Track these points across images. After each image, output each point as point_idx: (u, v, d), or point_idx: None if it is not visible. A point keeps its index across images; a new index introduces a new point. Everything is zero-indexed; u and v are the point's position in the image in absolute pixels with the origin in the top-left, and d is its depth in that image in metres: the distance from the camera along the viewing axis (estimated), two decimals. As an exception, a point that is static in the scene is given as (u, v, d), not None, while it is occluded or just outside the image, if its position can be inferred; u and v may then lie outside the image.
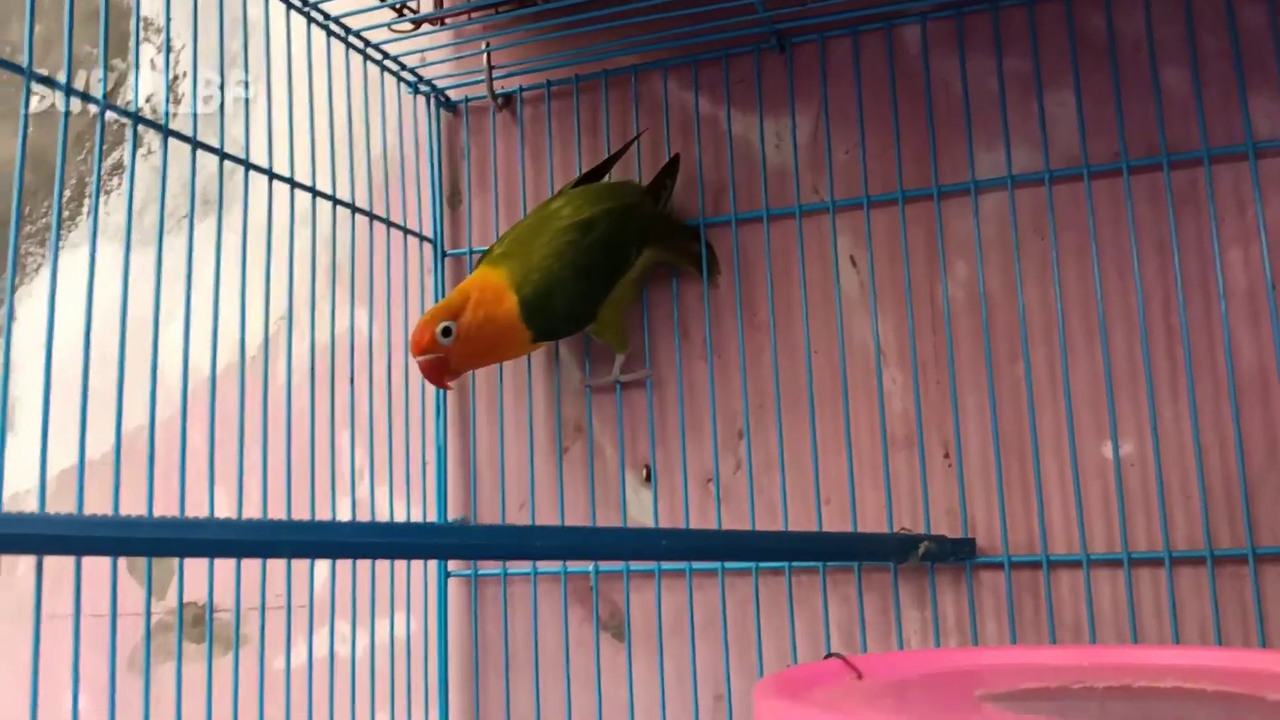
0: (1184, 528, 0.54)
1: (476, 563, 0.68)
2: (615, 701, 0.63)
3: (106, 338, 0.50)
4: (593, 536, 0.50)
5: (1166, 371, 0.55)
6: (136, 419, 0.55)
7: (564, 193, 0.64)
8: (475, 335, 0.58)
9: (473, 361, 0.62)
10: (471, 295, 0.59)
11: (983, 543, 0.57)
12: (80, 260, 0.76)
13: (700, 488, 0.63)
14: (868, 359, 0.61)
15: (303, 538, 0.41)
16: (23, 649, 0.42)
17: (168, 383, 0.53)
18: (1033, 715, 0.31)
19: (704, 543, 0.50)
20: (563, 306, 0.60)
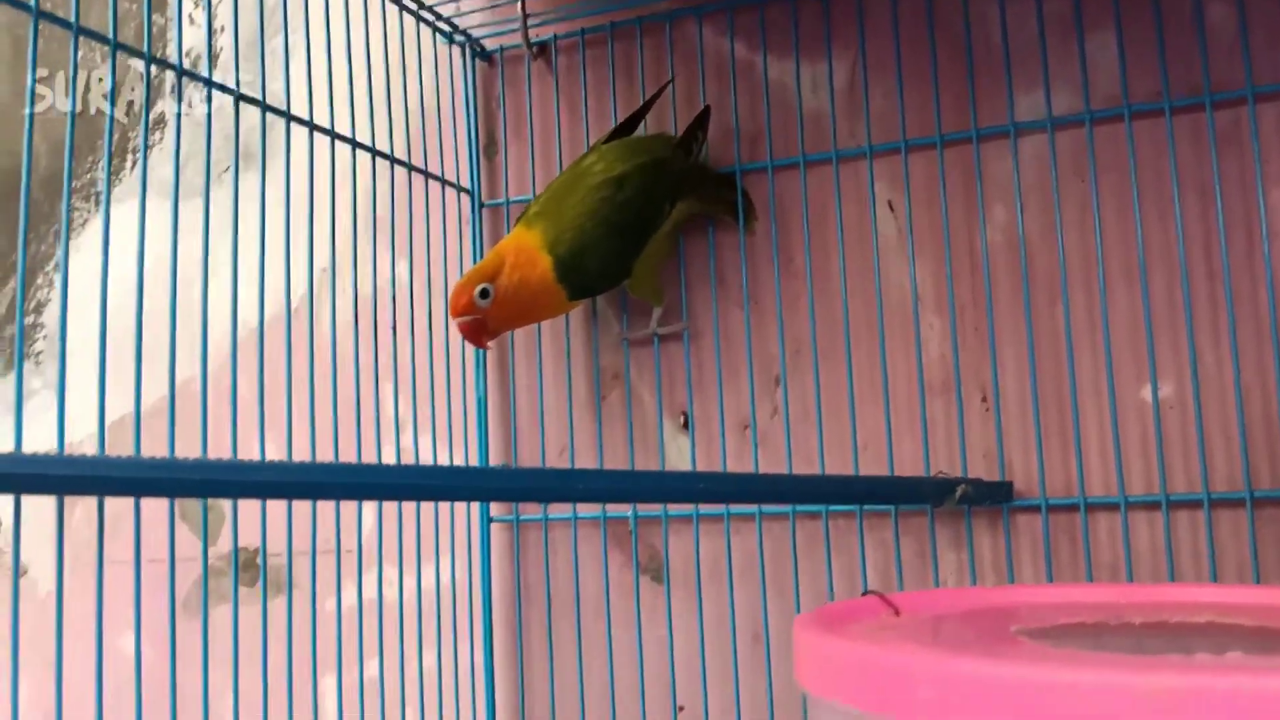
0: (1224, 469, 0.54)
1: (518, 508, 0.69)
2: (655, 642, 0.64)
3: (156, 290, 0.51)
4: (632, 479, 0.51)
5: (1207, 314, 0.55)
6: (186, 370, 0.57)
7: (596, 148, 0.64)
8: (512, 297, 0.59)
9: (510, 322, 0.63)
10: (507, 258, 0.60)
11: (1020, 486, 0.57)
12: (125, 214, 0.77)
13: (737, 434, 0.64)
14: (905, 305, 0.61)
15: (352, 480, 0.42)
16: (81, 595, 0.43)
17: (216, 334, 0.54)
18: (1070, 649, 0.31)
19: (741, 485, 0.51)
20: (597, 264, 0.61)
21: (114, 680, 0.46)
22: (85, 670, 0.45)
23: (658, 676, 0.64)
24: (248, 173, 0.74)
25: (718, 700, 0.62)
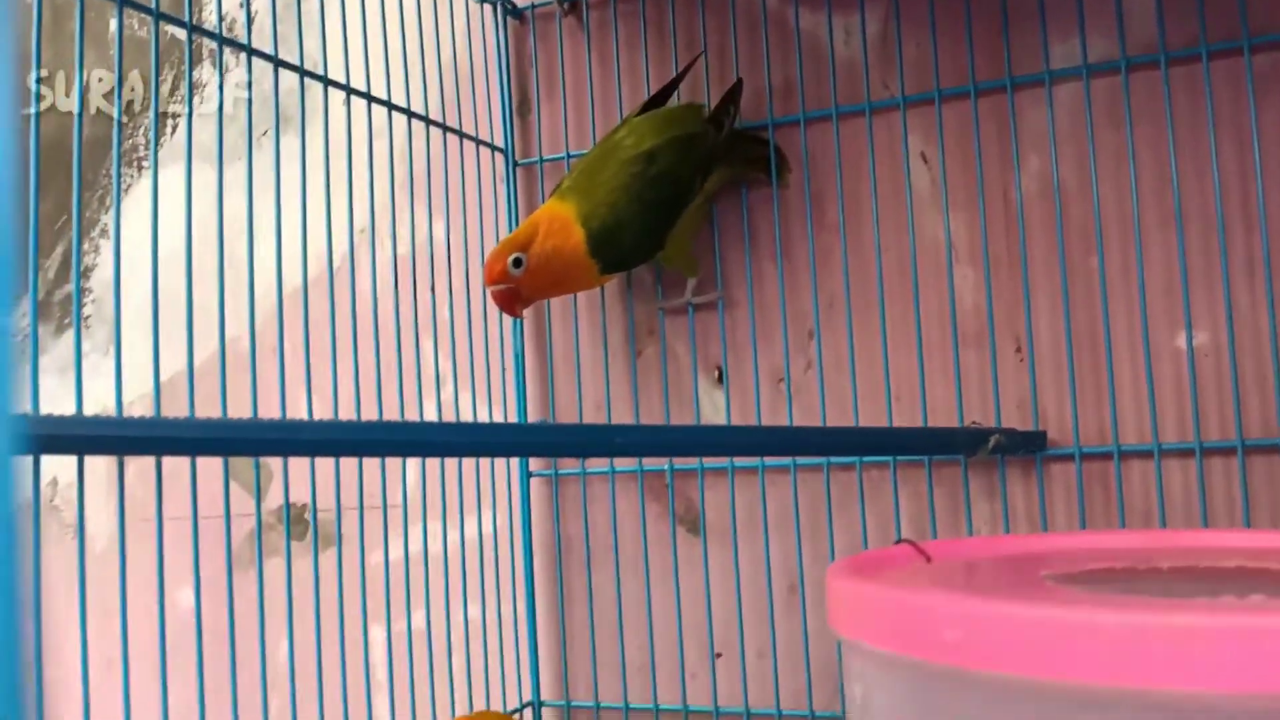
0: (1258, 416, 0.54)
1: (556, 463, 0.70)
2: (692, 591, 0.66)
3: (202, 253, 0.53)
4: (668, 434, 0.52)
5: (1243, 261, 0.55)
6: (234, 329, 0.58)
7: (628, 121, 0.64)
8: (545, 266, 0.60)
9: (543, 292, 0.63)
10: (540, 227, 0.60)
11: (1054, 435, 0.58)
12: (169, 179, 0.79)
13: (772, 387, 0.65)
14: (938, 256, 0.61)
15: (396, 438, 0.43)
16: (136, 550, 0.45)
17: (261, 294, 0.56)
18: (1098, 593, 0.32)
19: (775, 438, 0.51)
20: (629, 240, 0.61)
21: (173, 631, 0.48)
22: (144, 621, 0.47)
23: (695, 624, 0.66)
24: (287, 136, 0.75)
25: (754, 646, 0.64)
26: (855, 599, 0.31)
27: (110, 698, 0.44)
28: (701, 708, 0.65)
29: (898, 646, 0.29)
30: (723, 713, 0.65)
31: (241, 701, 0.50)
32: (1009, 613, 0.26)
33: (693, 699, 0.66)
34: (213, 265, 0.52)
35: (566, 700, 0.69)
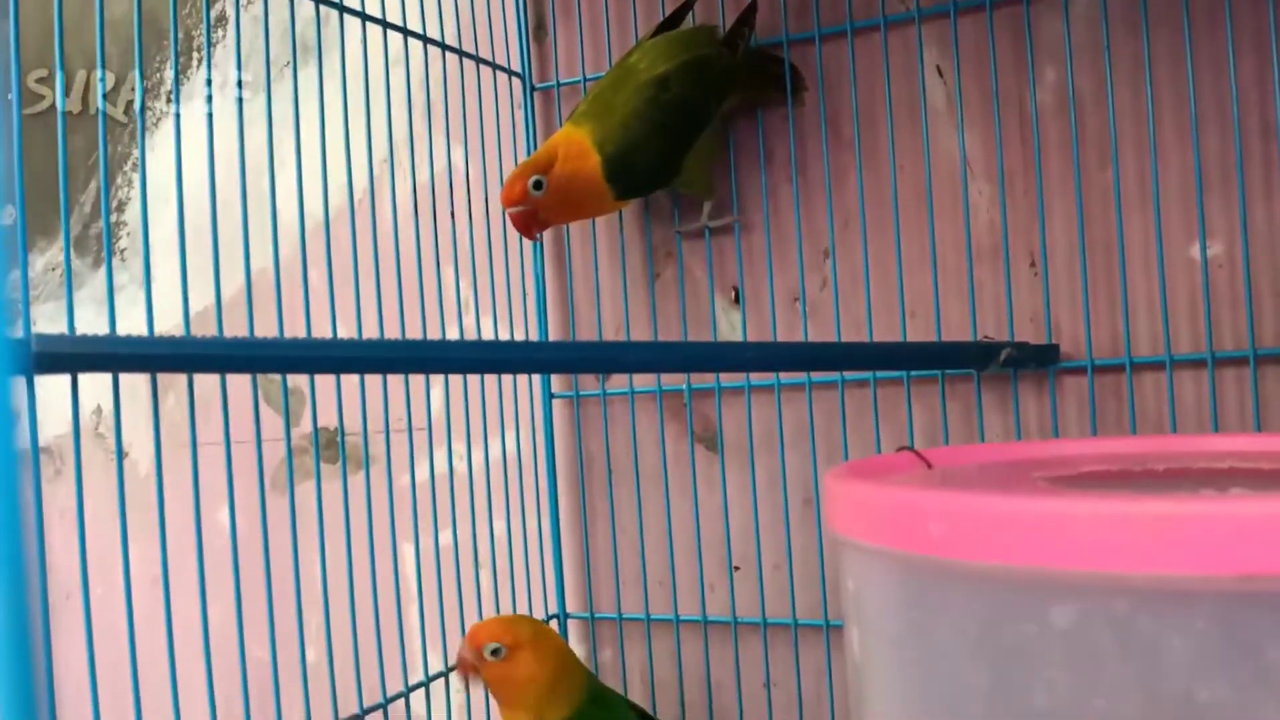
0: (1271, 326, 0.54)
1: (578, 385, 0.72)
2: (710, 507, 0.67)
3: (228, 186, 0.54)
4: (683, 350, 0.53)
5: (1260, 171, 0.54)
6: (260, 261, 0.60)
7: (641, 45, 0.64)
8: (564, 188, 0.60)
9: (561, 215, 0.64)
10: (559, 150, 0.61)
11: (1067, 349, 0.58)
12: (194, 112, 0.80)
13: (787, 307, 0.66)
14: (954, 172, 0.61)
15: (422, 354, 0.44)
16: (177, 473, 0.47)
17: (286, 226, 0.57)
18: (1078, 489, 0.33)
19: (789, 353, 0.52)
20: (645, 165, 0.61)
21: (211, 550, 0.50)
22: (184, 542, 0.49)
23: (714, 539, 0.67)
24: (306, 67, 0.76)
25: (770, 559, 0.66)
26: (849, 498, 0.32)
27: (154, 613, 0.47)
28: (720, 618, 0.67)
29: (887, 541, 0.30)
30: (741, 623, 0.67)
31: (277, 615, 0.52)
32: (989, 505, 0.27)
33: (711, 610, 0.68)
34: (238, 199, 0.53)
35: (591, 613, 0.72)
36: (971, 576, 0.28)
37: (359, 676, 0.56)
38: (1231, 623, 0.25)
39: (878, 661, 0.32)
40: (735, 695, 0.67)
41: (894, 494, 0.30)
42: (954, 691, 0.29)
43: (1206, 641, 0.25)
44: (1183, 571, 0.24)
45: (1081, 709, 0.26)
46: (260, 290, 0.56)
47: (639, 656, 0.70)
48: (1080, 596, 0.26)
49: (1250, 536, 0.24)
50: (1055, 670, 0.26)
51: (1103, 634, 0.26)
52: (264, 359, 0.41)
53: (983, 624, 0.28)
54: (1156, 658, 0.25)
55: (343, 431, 0.68)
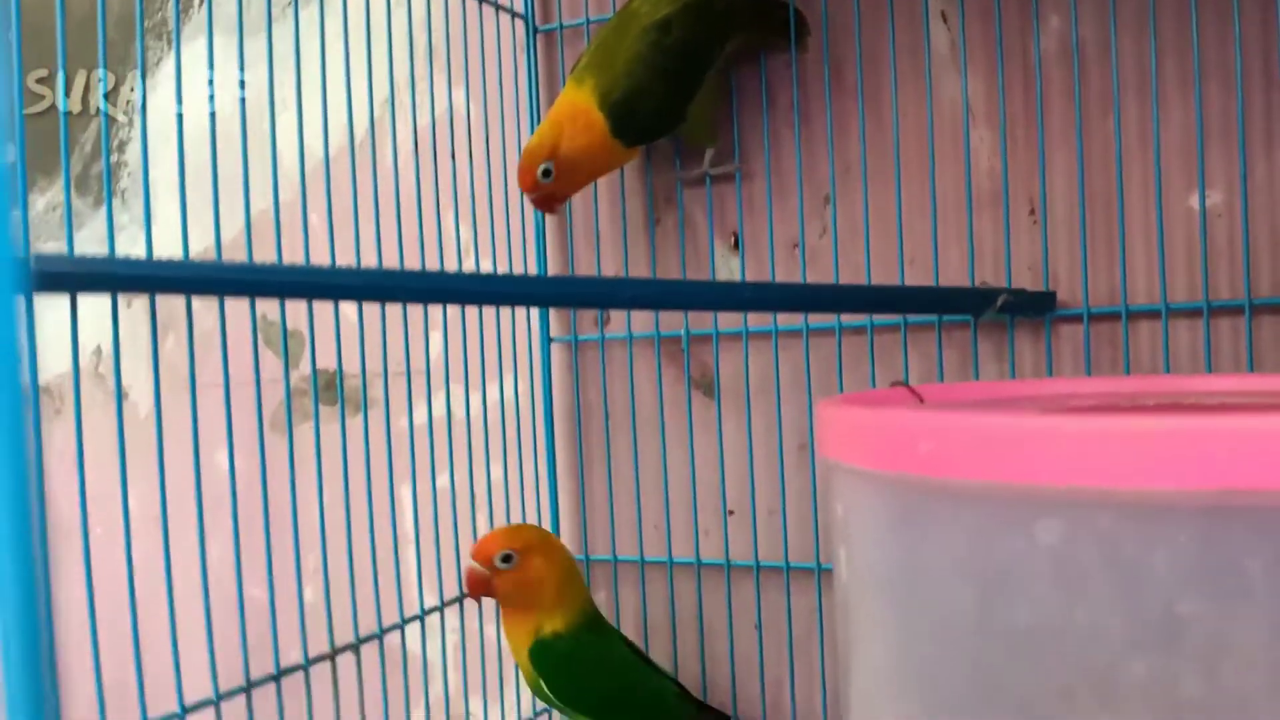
0: (1267, 276, 0.54)
1: (576, 329, 0.72)
2: (706, 452, 0.68)
3: (228, 126, 0.54)
4: (679, 287, 0.53)
5: (1262, 121, 0.54)
6: (261, 202, 0.60)
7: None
8: (574, 166, 0.61)
9: (577, 185, 0.64)
10: (564, 128, 0.61)
11: (1064, 297, 0.58)
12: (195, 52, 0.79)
13: (787, 254, 0.66)
14: (956, 118, 0.61)
15: (419, 285, 0.45)
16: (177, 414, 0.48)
17: (286, 167, 0.57)
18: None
19: (786, 294, 0.52)
20: (651, 110, 0.61)
21: (210, 491, 0.51)
22: (184, 482, 0.49)
23: (709, 484, 0.68)
24: (308, 7, 0.75)
25: (765, 504, 0.66)
26: (840, 422, 0.32)
27: (154, 553, 0.47)
28: (714, 561, 0.68)
29: (877, 463, 0.30)
30: (734, 566, 0.67)
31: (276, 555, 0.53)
32: (977, 423, 0.27)
33: (705, 554, 0.68)
34: (239, 140, 0.53)
35: (586, 555, 0.72)
36: (959, 495, 0.28)
37: (355, 611, 0.56)
38: (1212, 537, 0.25)
39: (865, 584, 0.32)
40: (727, 637, 0.67)
41: (884, 415, 0.30)
42: (939, 609, 0.29)
43: (1187, 556, 0.25)
44: (1165, 486, 0.25)
45: (1064, 624, 0.26)
46: (260, 232, 0.56)
47: (633, 598, 0.71)
48: (1065, 513, 0.26)
49: (1231, 451, 0.24)
50: (1039, 586, 0.27)
51: (1086, 549, 0.26)
52: (262, 283, 0.41)
53: (969, 542, 0.28)
54: (1138, 572, 0.26)
55: (341, 373, 0.68)
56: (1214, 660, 0.25)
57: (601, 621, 0.62)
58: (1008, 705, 0.28)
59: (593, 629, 0.60)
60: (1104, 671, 0.26)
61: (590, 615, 0.61)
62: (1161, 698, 0.25)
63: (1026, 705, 0.27)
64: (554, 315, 0.73)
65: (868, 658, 0.32)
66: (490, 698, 0.69)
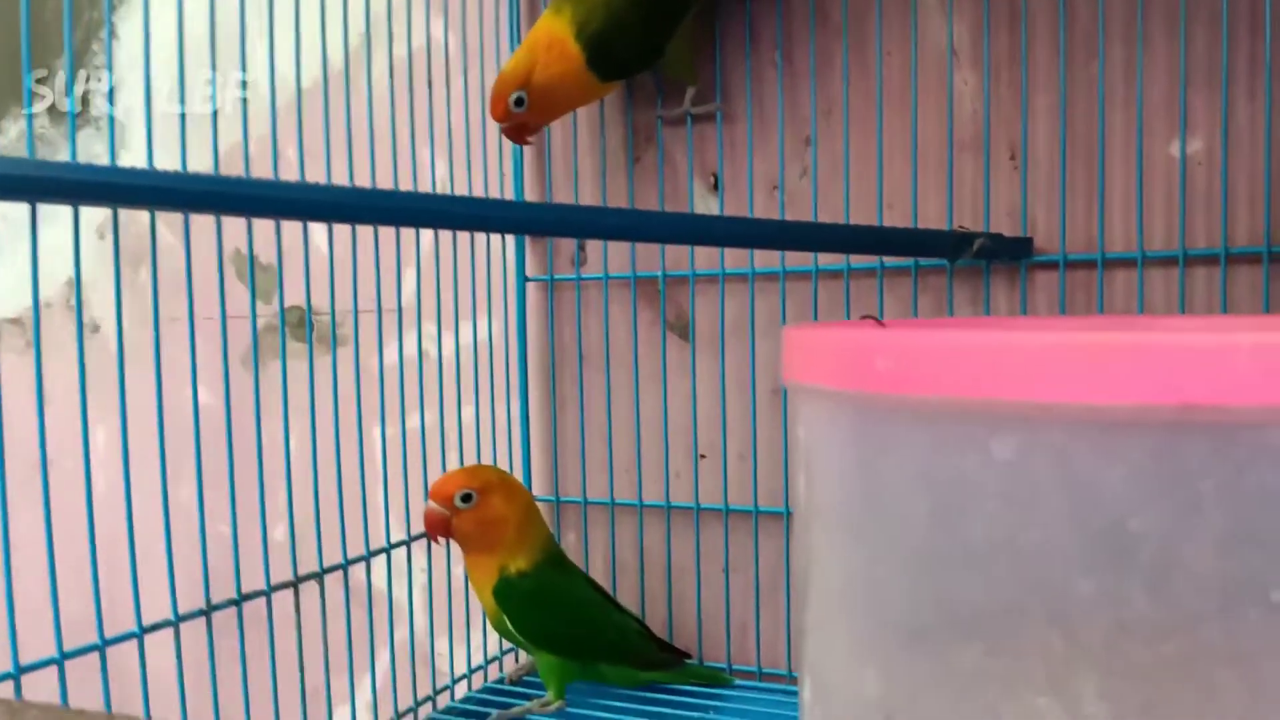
0: (1245, 226, 0.54)
1: (552, 269, 0.71)
2: (679, 395, 0.67)
3: (199, 58, 0.52)
4: (653, 218, 0.52)
5: (1245, 69, 0.54)
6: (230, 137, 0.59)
7: None
8: (546, 96, 0.60)
9: (550, 116, 0.63)
10: (539, 56, 0.59)
11: (1041, 243, 0.58)
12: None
13: (766, 195, 0.65)
14: (940, 60, 0.60)
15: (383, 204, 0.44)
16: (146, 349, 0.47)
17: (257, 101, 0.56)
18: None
19: (761, 230, 0.52)
20: (628, 44, 0.60)
21: (177, 426, 0.50)
22: (151, 417, 0.48)
23: (681, 427, 0.68)
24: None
25: (736, 448, 0.66)
26: (802, 345, 0.32)
27: (120, 487, 0.47)
28: (684, 504, 0.68)
29: (837, 381, 0.30)
30: (703, 509, 0.67)
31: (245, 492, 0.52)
32: (934, 339, 0.27)
33: (675, 497, 0.68)
34: (209, 74, 0.52)
35: (556, 496, 0.72)
36: (916, 412, 0.28)
37: (320, 544, 0.56)
38: (1166, 454, 0.25)
39: (823, 506, 0.32)
40: (695, 580, 0.67)
41: (843, 333, 0.30)
42: (895, 528, 0.29)
43: (1141, 472, 0.25)
44: (1121, 401, 0.24)
45: (1016, 540, 0.26)
46: (230, 168, 0.55)
47: (602, 540, 0.71)
48: (1020, 429, 0.26)
49: (1188, 367, 0.24)
50: (993, 502, 0.27)
51: (1040, 465, 0.26)
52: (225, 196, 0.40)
53: (925, 459, 0.28)
54: (1091, 488, 0.25)
55: (309, 309, 0.68)
56: (1164, 578, 0.25)
57: (564, 560, 0.62)
58: (959, 622, 0.27)
59: (556, 567, 0.60)
60: (1055, 588, 0.26)
61: (553, 553, 0.61)
62: (1111, 614, 0.25)
63: (977, 622, 0.27)
64: (530, 254, 0.72)
65: (824, 581, 0.32)
66: (457, 638, 0.69)
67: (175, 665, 0.48)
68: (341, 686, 0.62)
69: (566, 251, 0.71)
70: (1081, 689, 0.27)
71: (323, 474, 0.56)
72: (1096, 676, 0.26)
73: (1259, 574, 0.24)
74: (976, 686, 0.27)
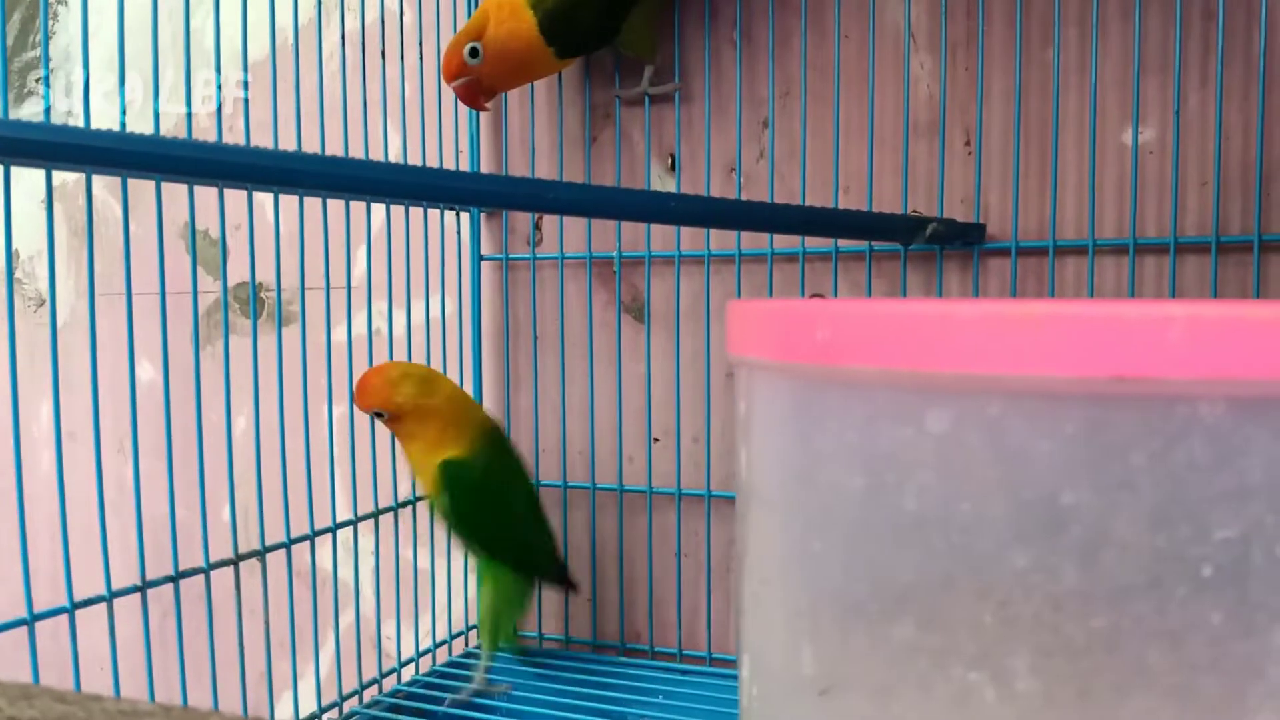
0: (1195, 215, 0.54)
1: (507, 248, 0.71)
2: (634, 377, 0.67)
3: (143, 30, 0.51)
4: (605, 194, 0.52)
5: (1198, 56, 0.54)
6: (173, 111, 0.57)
7: None
8: (500, 51, 0.59)
9: (504, 81, 0.62)
10: (491, 13, 0.59)
11: (994, 230, 0.58)
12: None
13: (723, 176, 0.64)
14: (897, 42, 0.60)
15: (340, 172, 0.43)
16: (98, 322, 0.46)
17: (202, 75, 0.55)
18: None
19: (712, 208, 0.51)
20: (583, 20, 0.59)
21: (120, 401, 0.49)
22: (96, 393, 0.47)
23: (635, 410, 0.67)
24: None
25: (689, 432, 0.66)
26: (745, 317, 0.31)
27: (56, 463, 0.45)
28: (636, 488, 0.67)
29: (776, 354, 0.29)
30: (656, 492, 0.67)
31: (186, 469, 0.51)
32: (873, 310, 0.27)
33: (628, 480, 0.68)
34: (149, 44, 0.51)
35: (508, 479, 0.71)
36: (854, 383, 0.27)
37: (263, 524, 0.55)
38: (1099, 426, 0.24)
39: (762, 481, 0.32)
40: (646, 563, 0.67)
41: (784, 305, 0.30)
42: (829, 502, 0.28)
43: (1074, 445, 0.25)
44: (1055, 373, 0.24)
45: (948, 512, 0.26)
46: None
47: (554, 523, 0.70)
48: (955, 401, 0.26)
49: (1120, 338, 0.23)
50: (927, 474, 0.26)
51: (974, 437, 0.25)
52: (163, 158, 0.39)
53: (861, 430, 0.27)
54: (1024, 461, 0.25)
55: (254, 284, 0.66)
56: (1094, 552, 0.25)
57: (505, 441, 0.61)
58: (892, 596, 0.27)
59: (497, 447, 0.59)
60: (985, 561, 0.25)
61: (494, 435, 0.60)
62: (1042, 589, 0.25)
63: (909, 596, 0.27)
64: (485, 233, 0.71)
65: (761, 557, 0.32)
66: (405, 621, 0.68)
67: (109, 642, 0.47)
68: (286, 670, 0.61)
69: (522, 231, 0.70)
70: (1013, 664, 0.27)
71: (267, 453, 0.55)
72: (1028, 651, 0.26)
73: (1188, 549, 0.24)
74: (909, 661, 0.27)
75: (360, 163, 0.48)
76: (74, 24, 0.85)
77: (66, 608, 0.45)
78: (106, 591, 0.47)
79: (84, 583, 0.47)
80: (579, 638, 0.69)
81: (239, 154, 0.41)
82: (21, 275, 0.89)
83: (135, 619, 0.49)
